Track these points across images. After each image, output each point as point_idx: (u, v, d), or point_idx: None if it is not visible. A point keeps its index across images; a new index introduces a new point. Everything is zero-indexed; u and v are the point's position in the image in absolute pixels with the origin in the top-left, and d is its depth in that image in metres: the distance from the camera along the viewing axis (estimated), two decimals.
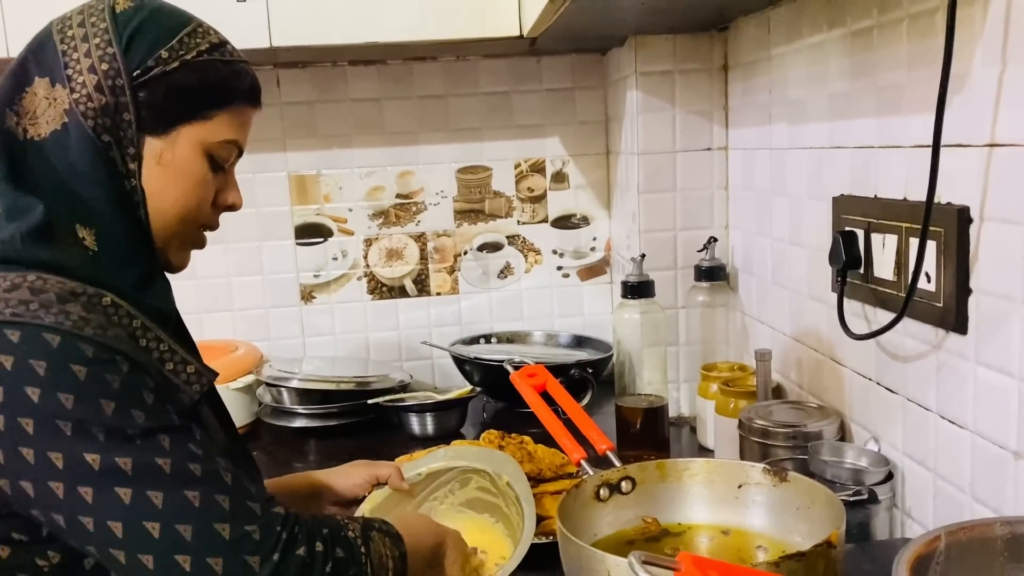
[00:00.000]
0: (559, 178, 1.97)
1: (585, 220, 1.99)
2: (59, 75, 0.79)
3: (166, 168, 0.83)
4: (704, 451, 1.49)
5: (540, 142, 1.95)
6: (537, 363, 1.19)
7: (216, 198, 0.89)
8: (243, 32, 1.50)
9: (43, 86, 0.79)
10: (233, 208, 0.92)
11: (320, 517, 0.81)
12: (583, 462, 0.93)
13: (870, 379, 1.12)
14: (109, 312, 0.74)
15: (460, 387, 1.81)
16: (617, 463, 0.91)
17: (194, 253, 0.91)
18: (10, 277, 0.72)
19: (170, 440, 0.72)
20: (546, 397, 1.12)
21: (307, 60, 1.84)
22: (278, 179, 1.90)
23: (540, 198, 1.98)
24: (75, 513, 0.69)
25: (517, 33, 1.54)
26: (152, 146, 0.82)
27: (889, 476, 1.04)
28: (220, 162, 0.87)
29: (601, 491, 0.88)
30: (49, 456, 0.68)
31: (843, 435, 1.18)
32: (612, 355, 1.80)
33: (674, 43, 1.57)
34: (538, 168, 1.97)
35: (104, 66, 0.79)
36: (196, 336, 0.93)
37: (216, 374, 0.84)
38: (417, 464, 1.15)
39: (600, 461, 0.96)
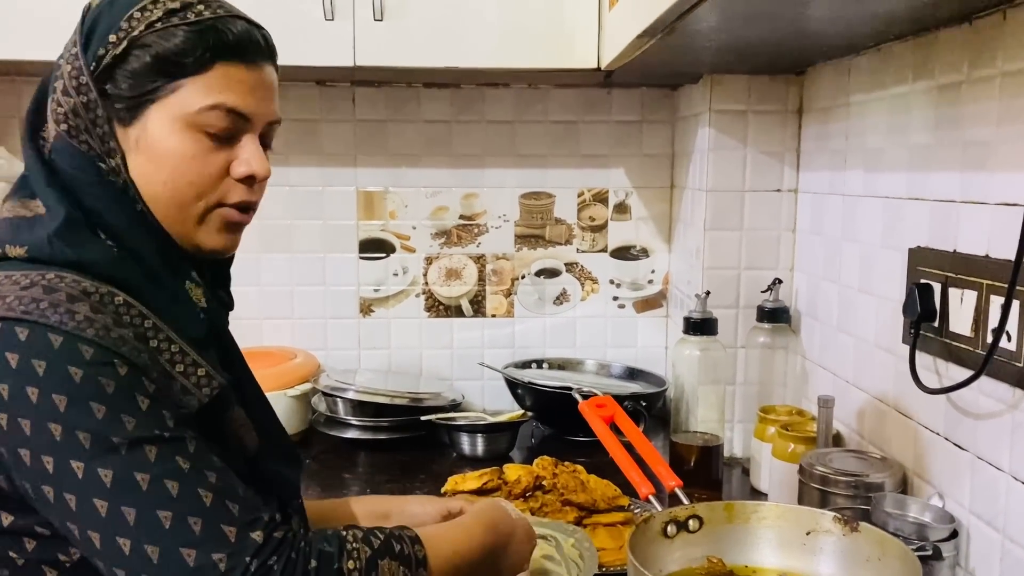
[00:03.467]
0: (621, 209, 1.99)
1: (644, 252, 2.00)
2: (52, 88, 0.80)
3: (145, 154, 0.79)
4: (757, 494, 1.48)
5: (604, 172, 1.97)
6: (605, 394, 1.19)
7: (229, 171, 0.83)
8: (328, 50, 1.55)
9: (48, 103, 0.81)
10: (252, 178, 0.83)
11: (324, 536, 0.75)
12: (651, 497, 0.94)
13: (938, 434, 1.11)
14: (120, 312, 0.74)
15: (508, 410, 1.82)
16: (686, 500, 0.92)
17: (259, 261, 0.89)
18: (31, 275, 0.73)
19: (156, 452, 0.70)
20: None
21: (383, 80, 1.88)
22: (347, 193, 1.93)
23: (601, 228, 1.99)
24: (63, 518, 0.69)
25: (595, 66, 1.57)
26: (127, 136, 0.80)
27: (954, 534, 1.03)
28: (215, 132, 0.80)
29: (669, 528, 0.89)
30: (42, 459, 0.68)
31: (905, 488, 1.17)
32: (665, 389, 1.81)
33: (749, 84, 1.58)
34: (601, 198, 1.98)
35: (69, 67, 0.79)
36: (255, 342, 0.93)
37: (227, 378, 0.81)
38: None
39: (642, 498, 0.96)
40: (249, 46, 0.82)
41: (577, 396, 1.20)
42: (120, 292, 0.75)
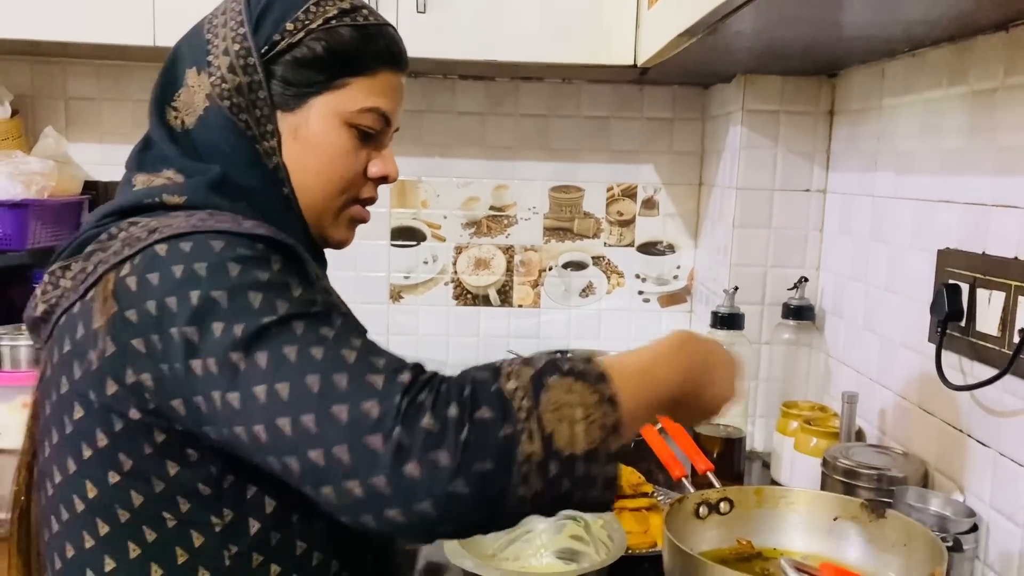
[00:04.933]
0: (649, 204, 2.02)
1: (671, 248, 2.03)
2: (203, 62, 0.83)
3: (303, 143, 0.83)
4: (778, 487, 1.51)
5: (634, 168, 2.00)
6: None
7: (367, 169, 0.87)
8: None
9: (191, 76, 0.83)
10: (386, 180, 0.89)
11: (476, 368, 0.70)
12: (684, 479, 0.97)
13: (960, 430, 1.14)
14: (258, 236, 0.74)
15: None
16: (717, 484, 0.95)
17: None
18: (196, 212, 0.76)
19: (303, 326, 0.69)
20: None
21: (421, 71, 1.91)
22: None
23: (628, 222, 2.02)
24: (231, 423, 0.67)
25: (631, 62, 1.60)
26: (287, 122, 0.83)
27: (975, 527, 1.05)
28: (366, 131, 0.85)
29: (701, 509, 0.92)
30: (209, 363, 0.68)
31: (926, 483, 1.20)
32: None
33: (782, 84, 1.61)
34: (629, 193, 2.01)
35: (236, 47, 0.81)
36: None
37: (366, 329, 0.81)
38: None
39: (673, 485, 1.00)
40: (402, 57, 0.88)
41: None
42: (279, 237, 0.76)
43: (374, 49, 0.84)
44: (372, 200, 0.91)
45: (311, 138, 0.83)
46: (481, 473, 0.63)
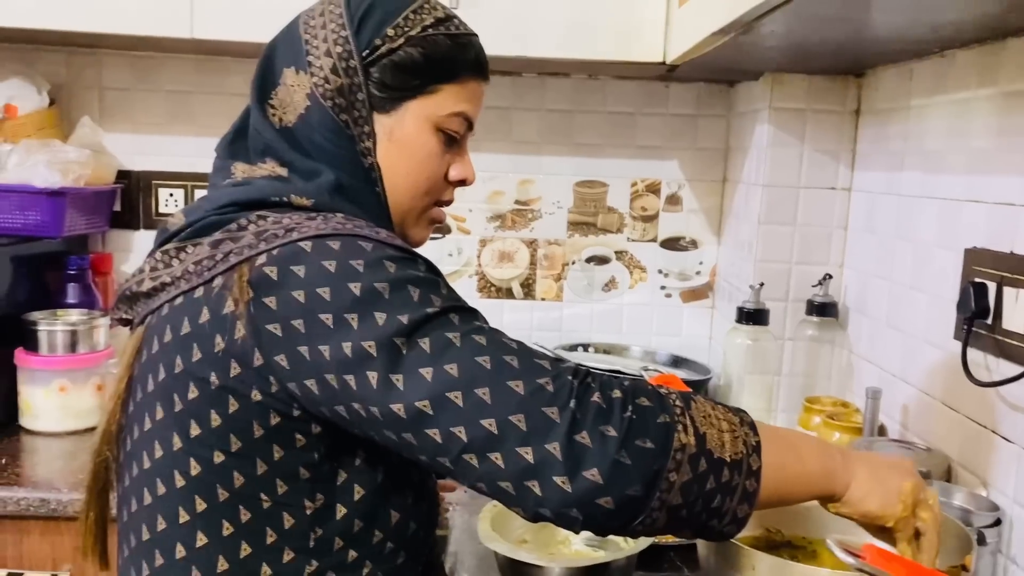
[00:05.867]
0: (673, 200, 2.04)
1: (694, 244, 2.05)
2: (302, 62, 0.86)
3: (397, 144, 0.87)
4: None
5: (658, 164, 2.02)
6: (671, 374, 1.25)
7: (447, 172, 0.91)
8: None
9: (290, 75, 0.87)
10: (465, 183, 0.94)
11: (609, 373, 0.80)
12: None
13: (984, 427, 1.16)
14: (399, 245, 0.80)
15: None
16: None
17: None
18: (324, 215, 0.80)
19: (459, 317, 0.75)
20: None
21: None
22: None
23: (652, 218, 2.04)
24: (388, 402, 0.71)
25: (660, 60, 1.62)
26: (383, 123, 0.87)
27: (998, 521, 1.07)
28: (452, 135, 0.89)
29: None
30: (364, 347, 0.71)
31: (949, 477, 1.22)
32: (710, 378, 1.87)
33: (809, 83, 1.62)
34: (653, 189, 2.03)
35: (338, 49, 0.85)
36: None
37: None
38: None
39: None
40: (486, 66, 0.93)
41: (644, 375, 1.26)
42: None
43: (465, 58, 0.89)
44: (450, 202, 0.95)
45: (405, 140, 0.87)
46: (643, 450, 0.69)
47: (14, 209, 1.64)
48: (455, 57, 0.88)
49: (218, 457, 0.76)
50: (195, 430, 0.76)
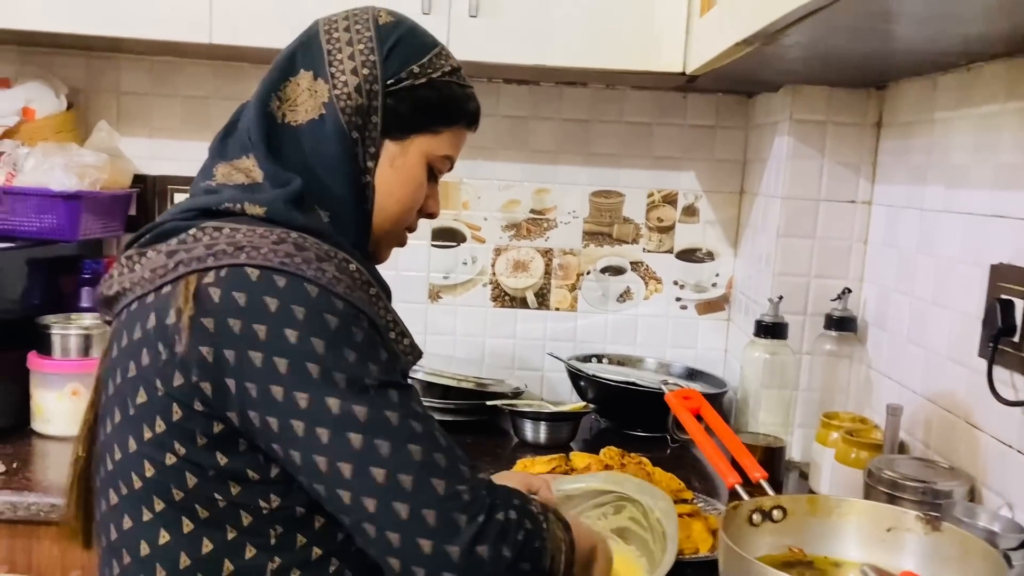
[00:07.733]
0: (689, 211, 2.02)
1: (710, 255, 2.03)
2: (323, 70, 0.89)
3: (397, 171, 0.93)
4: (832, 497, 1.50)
5: (675, 175, 2.01)
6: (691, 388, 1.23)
7: (422, 205, 0.99)
8: None
9: (307, 78, 0.90)
10: (432, 216, 1.03)
11: (509, 487, 0.84)
12: (737, 487, 0.98)
13: (1010, 446, 1.14)
14: (355, 276, 0.82)
15: (566, 401, 1.87)
16: (771, 491, 0.96)
17: None
18: (277, 232, 0.81)
19: (398, 395, 0.77)
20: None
21: (468, 74, 1.92)
22: None
23: (668, 229, 2.03)
24: (311, 452, 0.75)
25: (680, 70, 1.60)
26: (389, 149, 0.93)
27: (1023, 544, 1.05)
28: (435, 173, 0.98)
29: (754, 516, 0.93)
30: (296, 396, 0.74)
31: (972, 497, 1.20)
32: (725, 391, 1.85)
33: (830, 95, 1.61)
34: (670, 200, 2.02)
35: (365, 71, 0.90)
36: None
37: (422, 352, 0.91)
38: (578, 479, 1.20)
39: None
40: (479, 116, 1.01)
41: (664, 389, 1.24)
42: (352, 260, 0.83)
43: (467, 109, 0.98)
44: (414, 230, 1.03)
45: (404, 168, 0.94)
46: (524, 572, 0.78)
47: (30, 212, 1.64)
48: (462, 107, 0.97)
49: (169, 459, 0.78)
50: (147, 433, 0.79)
